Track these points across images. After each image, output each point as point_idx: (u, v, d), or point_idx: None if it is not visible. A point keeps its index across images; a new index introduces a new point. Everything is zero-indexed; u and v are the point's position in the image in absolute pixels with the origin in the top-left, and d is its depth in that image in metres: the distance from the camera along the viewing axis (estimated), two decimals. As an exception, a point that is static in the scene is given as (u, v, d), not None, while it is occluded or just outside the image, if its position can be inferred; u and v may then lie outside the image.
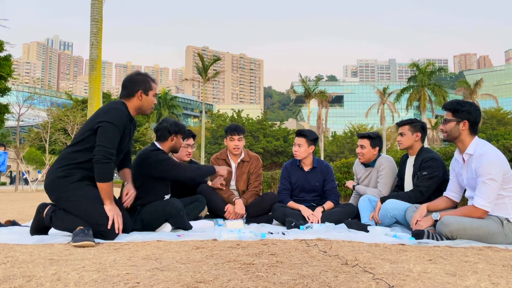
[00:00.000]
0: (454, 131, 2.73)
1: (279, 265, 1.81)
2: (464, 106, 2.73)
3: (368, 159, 3.84)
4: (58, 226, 2.71)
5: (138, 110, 2.93)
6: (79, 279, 1.55)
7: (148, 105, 2.94)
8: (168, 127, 3.32)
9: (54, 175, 2.73)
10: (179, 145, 3.41)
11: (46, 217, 2.71)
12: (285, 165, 4.09)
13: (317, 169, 3.96)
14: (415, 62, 36.22)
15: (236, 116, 39.91)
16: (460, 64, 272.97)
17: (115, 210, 2.68)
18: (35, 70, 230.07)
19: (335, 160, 38.83)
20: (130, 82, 2.91)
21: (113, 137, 2.66)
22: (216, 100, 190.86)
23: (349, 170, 6.62)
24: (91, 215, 2.61)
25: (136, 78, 2.92)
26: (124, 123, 2.73)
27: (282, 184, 4.01)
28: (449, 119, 2.75)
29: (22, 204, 7.88)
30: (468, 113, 2.71)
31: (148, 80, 2.94)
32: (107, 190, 2.68)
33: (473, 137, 2.73)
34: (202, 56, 36.75)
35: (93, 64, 8.41)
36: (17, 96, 21.66)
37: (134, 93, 2.87)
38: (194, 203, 3.62)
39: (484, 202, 2.54)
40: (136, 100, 2.89)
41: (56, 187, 2.71)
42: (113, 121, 2.67)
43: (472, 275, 1.65)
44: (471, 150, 2.68)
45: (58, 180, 2.70)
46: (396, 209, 3.15)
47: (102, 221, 2.61)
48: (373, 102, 54.41)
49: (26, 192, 17.47)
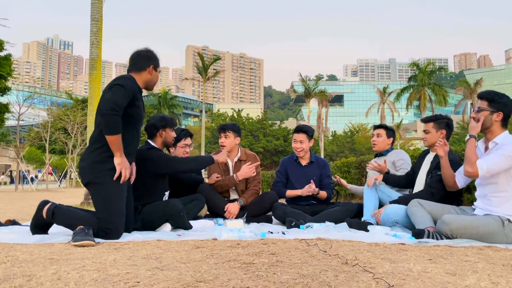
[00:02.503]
0: (487, 120, 2.70)
1: (279, 265, 1.81)
2: (502, 97, 2.71)
3: (382, 148, 3.98)
4: (59, 222, 2.71)
5: (146, 84, 2.99)
6: (79, 279, 1.55)
7: (155, 80, 3.03)
8: (154, 123, 3.35)
9: (91, 159, 2.77)
10: (170, 139, 3.42)
11: (48, 212, 2.71)
12: (283, 160, 4.20)
13: (315, 163, 4.06)
14: (415, 61, 36.25)
15: (236, 116, 39.94)
16: (460, 64, 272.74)
17: (124, 163, 2.73)
18: (35, 69, 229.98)
19: (335, 159, 38.79)
20: (141, 56, 2.97)
21: (120, 94, 2.69)
22: (216, 100, 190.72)
23: (349, 169, 6.61)
24: (106, 209, 2.65)
25: (148, 54, 2.99)
26: (134, 90, 2.79)
27: (277, 177, 4.10)
28: (484, 108, 2.71)
29: (22, 204, 7.89)
30: (505, 105, 2.69)
31: (157, 57, 3.04)
32: (116, 142, 2.69)
33: (503, 130, 2.71)
34: (202, 55, 36.71)
35: (93, 64, 8.40)
36: (17, 95, 21.67)
37: (146, 67, 2.94)
38: (193, 202, 3.62)
39: (485, 165, 2.55)
40: (146, 74, 2.95)
41: (91, 171, 2.75)
42: (121, 83, 2.73)
43: (472, 275, 1.65)
44: (499, 139, 2.67)
45: (95, 165, 2.75)
46: (397, 215, 3.12)
47: (112, 218, 2.63)
48: (373, 101, 54.38)
49: (26, 191, 17.47)
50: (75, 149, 25.48)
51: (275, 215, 3.77)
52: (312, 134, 4.06)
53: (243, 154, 4.06)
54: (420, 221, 2.79)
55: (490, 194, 2.67)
